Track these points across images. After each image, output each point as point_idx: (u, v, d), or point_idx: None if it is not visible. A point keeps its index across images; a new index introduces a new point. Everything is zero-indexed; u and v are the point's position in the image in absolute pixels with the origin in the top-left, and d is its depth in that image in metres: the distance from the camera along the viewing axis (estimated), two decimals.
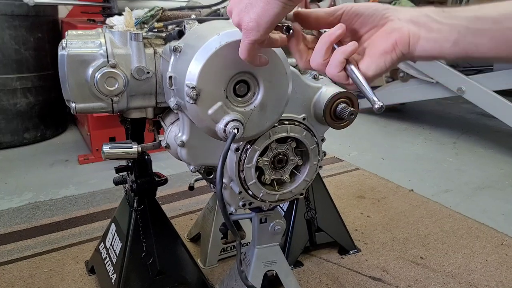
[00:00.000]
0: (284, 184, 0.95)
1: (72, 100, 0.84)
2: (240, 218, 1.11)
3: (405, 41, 0.50)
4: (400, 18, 0.51)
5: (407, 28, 0.50)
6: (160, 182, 1.19)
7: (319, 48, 0.54)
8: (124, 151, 0.94)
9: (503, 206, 1.97)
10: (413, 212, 1.87)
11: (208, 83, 0.67)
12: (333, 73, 0.53)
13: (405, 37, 0.50)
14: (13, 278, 1.36)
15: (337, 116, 0.90)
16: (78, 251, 1.52)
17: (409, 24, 0.50)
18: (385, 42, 0.51)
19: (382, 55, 0.51)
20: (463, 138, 3.00)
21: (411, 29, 0.50)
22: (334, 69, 0.52)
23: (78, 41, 0.83)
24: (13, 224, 1.69)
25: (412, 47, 0.50)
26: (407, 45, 0.50)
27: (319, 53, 0.54)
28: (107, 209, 1.82)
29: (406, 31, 0.50)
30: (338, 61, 0.52)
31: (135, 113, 0.93)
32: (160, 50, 0.87)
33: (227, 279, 1.20)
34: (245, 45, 0.55)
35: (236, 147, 0.85)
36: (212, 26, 0.75)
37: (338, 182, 2.19)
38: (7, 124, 2.51)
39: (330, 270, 1.46)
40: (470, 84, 2.76)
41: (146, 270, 1.17)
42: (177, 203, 1.89)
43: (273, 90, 0.72)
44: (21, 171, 2.23)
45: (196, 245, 1.57)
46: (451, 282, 1.40)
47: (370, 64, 0.52)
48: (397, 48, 0.50)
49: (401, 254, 1.55)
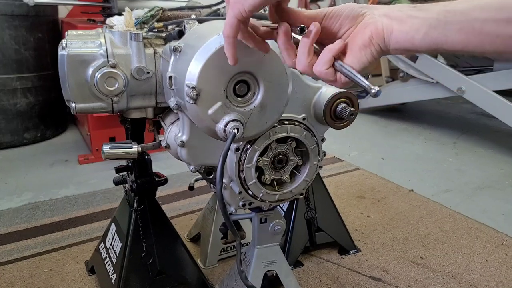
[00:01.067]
0: (284, 184, 0.95)
1: (72, 100, 0.84)
2: (240, 218, 1.11)
3: (380, 33, 0.53)
4: (375, 13, 0.54)
5: (381, 22, 0.53)
6: (160, 182, 1.19)
7: (302, 51, 0.56)
8: (124, 151, 0.94)
9: (503, 206, 1.97)
10: (413, 212, 1.87)
11: (208, 83, 0.67)
12: (321, 70, 0.55)
13: (380, 29, 0.53)
14: (13, 278, 1.36)
15: (337, 116, 0.90)
16: (78, 251, 1.52)
17: (382, 18, 0.53)
18: (362, 36, 0.54)
19: (361, 49, 0.54)
20: (463, 138, 3.00)
21: (384, 22, 0.53)
22: (322, 67, 0.55)
23: (78, 41, 0.83)
24: (13, 224, 1.69)
25: (386, 39, 0.53)
26: (382, 38, 0.53)
27: (303, 55, 0.56)
28: (107, 209, 1.82)
29: (380, 24, 0.53)
30: (326, 59, 0.54)
31: (135, 113, 0.93)
32: (160, 50, 0.87)
33: (227, 279, 1.20)
34: (229, 19, 0.55)
35: (236, 147, 0.85)
36: (212, 26, 0.75)
37: (338, 182, 2.19)
38: (7, 124, 2.51)
39: (330, 270, 1.46)
40: (470, 84, 2.76)
41: (146, 270, 1.17)
42: (177, 203, 1.89)
43: (273, 90, 0.72)
44: (21, 171, 2.23)
45: (196, 245, 1.57)
46: (451, 282, 1.40)
47: (352, 58, 0.54)
48: (373, 40, 0.53)
49: (401, 254, 1.55)
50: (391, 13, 0.53)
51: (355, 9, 0.55)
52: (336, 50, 0.54)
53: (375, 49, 0.54)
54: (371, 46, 0.53)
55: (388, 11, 0.53)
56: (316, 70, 0.56)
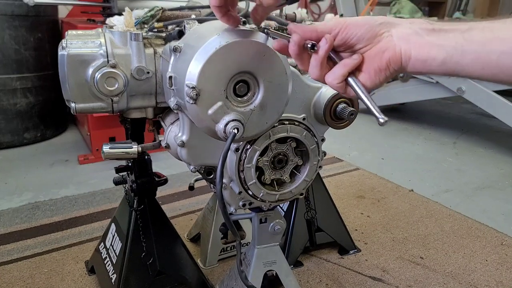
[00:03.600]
0: (284, 184, 0.95)
1: (72, 100, 0.84)
2: (240, 218, 1.11)
3: (397, 59, 0.53)
4: (393, 35, 0.54)
5: (399, 47, 0.53)
6: (160, 182, 1.19)
7: (314, 64, 0.56)
8: (124, 151, 0.94)
9: (503, 206, 1.97)
10: (413, 212, 1.87)
11: (208, 83, 0.67)
12: (333, 82, 0.55)
13: (398, 55, 0.53)
14: (13, 278, 1.36)
15: (337, 116, 0.90)
16: (78, 251, 1.52)
17: (401, 42, 0.53)
18: (380, 60, 0.54)
19: (377, 72, 0.55)
20: (463, 138, 3.00)
21: (403, 47, 0.53)
22: (334, 80, 0.55)
23: (78, 41, 0.83)
24: (13, 224, 1.69)
25: (404, 64, 0.54)
26: (399, 63, 0.54)
27: (316, 67, 0.56)
28: (107, 209, 1.82)
29: (398, 50, 0.53)
30: (340, 73, 0.55)
31: (135, 113, 0.93)
32: (160, 50, 0.87)
33: (227, 279, 1.20)
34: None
35: (236, 147, 0.85)
36: (212, 26, 0.75)
37: (338, 182, 2.19)
38: (7, 124, 2.51)
39: (330, 270, 1.46)
40: (470, 84, 2.76)
41: (146, 270, 1.17)
42: (177, 203, 1.89)
43: (273, 90, 0.72)
44: (21, 171, 2.23)
45: (196, 245, 1.57)
46: (451, 282, 1.40)
47: (366, 79, 0.55)
48: (390, 66, 0.54)
49: (401, 254, 1.55)
50: (410, 37, 0.53)
51: (374, 28, 0.55)
52: (352, 66, 0.54)
53: (389, 72, 0.55)
54: (387, 70, 0.54)
55: (407, 34, 0.53)
56: (328, 81, 0.56)
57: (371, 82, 0.55)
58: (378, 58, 0.54)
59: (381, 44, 0.54)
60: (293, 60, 0.79)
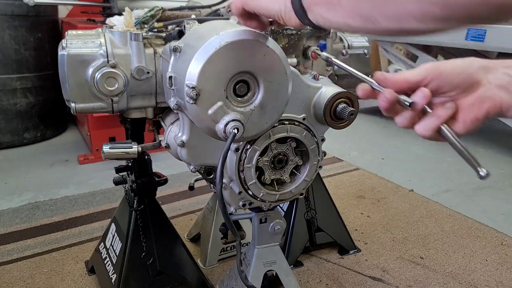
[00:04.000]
0: (284, 184, 0.95)
1: (72, 100, 0.84)
2: (240, 218, 1.11)
3: (497, 108, 0.51)
4: (491, 82, 0.52)
5: (499, 97, 0.51)
6: (160, 182, 1.19)
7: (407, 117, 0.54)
8: (124, 151, 0.94)
9: (503, 206, 1.97)
10: (413, 212, 1.87)
11: (208, 83, 0.67)
12: (424, 135, 0.53)
13: (497, 105, 0.51)
14: (13, 278, 1.36)
15: (337, 116, 0.90)
16: (78, 251, 1.52)
17: (501, 92, 0.51)
18: (478, 110, 0.52)
19: (473, 122, 0.52)
20: (463, 138, 2.97)
21: (503, 97, 0.51)
22: (425, 132, 0.53)
23: (78, 41, 0.83)
24: (13, 224, 1.69)
25: (503, 112, 0.52)
26: (498, 112, 0.52)
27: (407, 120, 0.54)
28: (107, 209, 1.82)
29: (499, 100, 0.51)
30: (432, 126, 0.52)
31: (135, 113, 0.93)
32: (160, 50, 0.87)
33: (227, 279, 1.20)
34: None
35: (236, 147, 0.85)
36: (212, 26, 0.75)
37: (338, 182, 2.19)
38: (7, 124, 2.51)
39: (330, 270, 1.46)
40: None
41: (146, 270, 1.17)
42: (177, 203, 1.89)
43: (273, 90, 0.72)
44: (21, 171, 2.23)
45: (196, 245, 1.57)
46: (451, 282, 1.40)
47: (461, 128, 0.53)
48: (490, 115, 0.52)
49: (401, 254, 1.55)
50: (509, 85, 0.51)
51: (472, 76, 0.52)
52: (445, 118, 0.52)
53: (487, 120, 0.53)
54: (485, 119, 0.52)
55: (507, 83, 0.51)
56: (419, 132, 0.53)
57: (466, 130, 0.53)
58: (477, 108, 0.51)
59: (479, 93, 0.52)
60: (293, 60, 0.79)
